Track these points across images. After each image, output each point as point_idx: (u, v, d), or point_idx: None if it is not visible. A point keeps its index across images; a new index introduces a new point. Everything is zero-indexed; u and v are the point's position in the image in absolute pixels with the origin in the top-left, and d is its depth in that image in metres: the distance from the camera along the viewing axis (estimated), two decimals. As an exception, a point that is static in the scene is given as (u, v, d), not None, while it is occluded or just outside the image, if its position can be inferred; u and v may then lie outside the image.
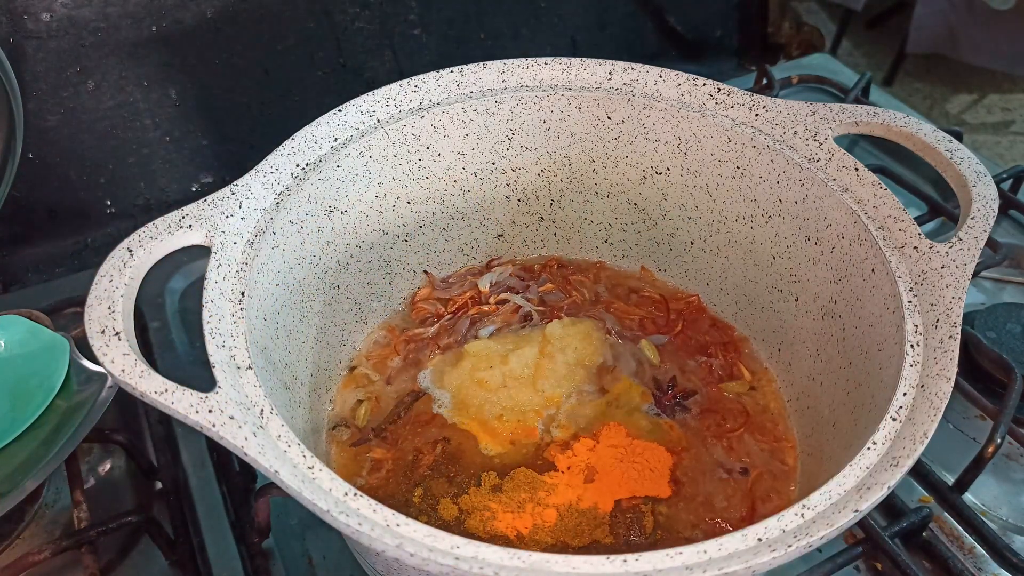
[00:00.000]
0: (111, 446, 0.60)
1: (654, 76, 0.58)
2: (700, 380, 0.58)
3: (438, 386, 0.57)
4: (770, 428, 0.55)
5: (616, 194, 0.63)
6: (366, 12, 0.82)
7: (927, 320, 0.44)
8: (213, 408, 0.39)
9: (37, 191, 0.74)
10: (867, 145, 0.87)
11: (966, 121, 2.07)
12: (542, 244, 0.67)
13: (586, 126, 0.60)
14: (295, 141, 0.52)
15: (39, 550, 0.49)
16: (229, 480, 0.56)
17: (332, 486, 0.37)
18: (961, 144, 0.52)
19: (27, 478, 0.49)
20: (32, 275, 0.77)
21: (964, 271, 0.45)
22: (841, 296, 0.52)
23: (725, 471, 0.52)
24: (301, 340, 0.52)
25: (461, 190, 0.61)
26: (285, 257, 0.50)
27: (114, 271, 0.44)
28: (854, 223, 0.50)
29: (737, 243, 0.59)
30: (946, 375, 0.41)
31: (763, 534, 0.35)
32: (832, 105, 0.55)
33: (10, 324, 0.58)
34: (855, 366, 0.49)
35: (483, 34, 0.89)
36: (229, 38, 0.77)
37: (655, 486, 0.51)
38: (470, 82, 0.58)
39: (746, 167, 0.56)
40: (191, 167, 0.81)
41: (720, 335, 0.61)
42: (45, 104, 0.72)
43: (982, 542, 0.54)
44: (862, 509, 0.36)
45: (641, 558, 0.34)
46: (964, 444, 0.61)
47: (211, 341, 0.42)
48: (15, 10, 0.68)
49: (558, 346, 0.58)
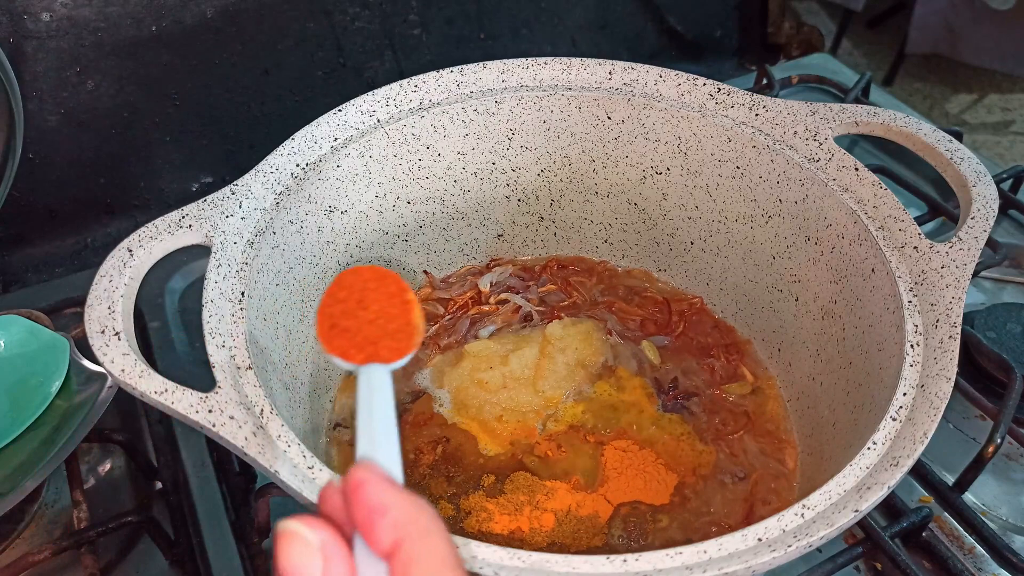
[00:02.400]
0: (111, 446, 0.60)
1: (654, 76, 0.58)
2: (702, 382, 0.58)
3: (438, 386, 0.57)
4: (771, 430, 0.55)
5: (616, 194, 0.63)
6: (366, 12, 0.82)
7: (927, 320, 0.44)
8: (213, 408, 0.39)
9: (37, 191, 0.74)
10: (867, 145, 0.87)
11: (966, 121, 2.07)
12: (542, 244, 0.67)
13: (586, 126, 0.60)
14: (295, 141, 0.52)
15: (39, 550, 0.49)
16: (229, 480, 0.56)
17: (332, 486, 0.37)
18: (961, 144, 0.52)
19: (27, 478, 0.49)
20: (32, 275, 0.77)
21: (964, 271, 0.45)
22: (841, 296, 0.52)
23: (726, 475, 0.52)
24: (301, 340, 0.52)
25: (461, 190, 0.61)
26: (285, 257, 0.50)
27: (114, 271, 0.44)
28: (854, 223, 0.50)
29: (737, 243, 0.59)
30: (946, 375, 0.41)
31: (763, 534, 0.35)
32: (832, 105, 0.55)
33: (10, 324, 0.58)
34: (855, 366, 0.49)
35: (483, 34, 0.89)
36: (229, 38, 0.77)
37: (656, 495, 0.51)
38: (470, 82, 0.58)
39: (746, 167, 0.56)
40: (191, 167, 0.81)
41: (722, 337, 0.61)
42: (45, 104, 0.72)
43: (982, 542, 0.54)
44: (862, 509, 0.36)
45: (641, 558, 0.34)
46: (964, 444, 0.60)
47: (211, 341, 0.42)
48: (15, 10, 0.68)
49: (558, 347, 0.58)
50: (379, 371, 0.32)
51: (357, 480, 0.25)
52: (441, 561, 0.24)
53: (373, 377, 0.32)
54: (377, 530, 0.24)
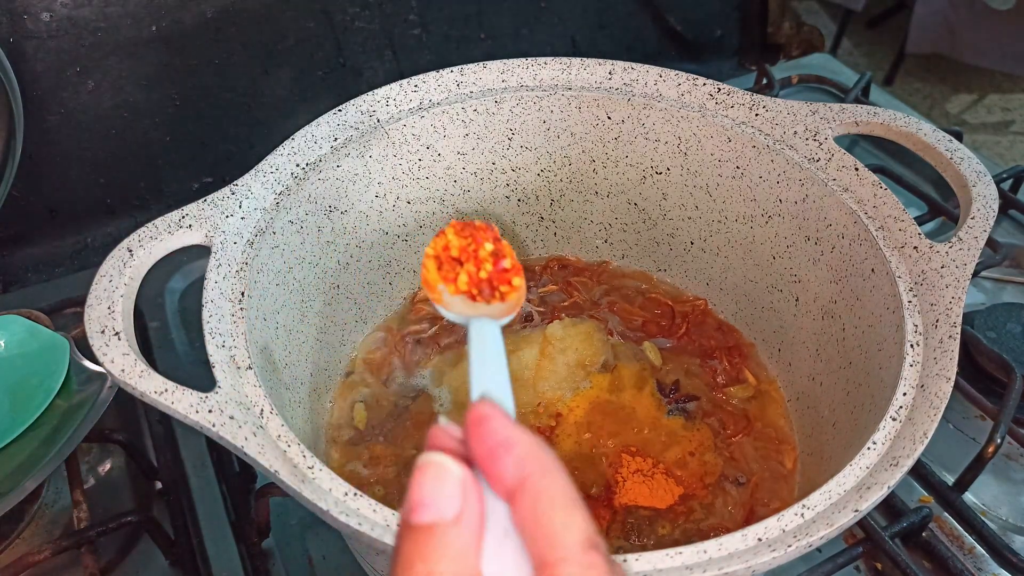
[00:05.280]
0: (111, 446, 0.60)
1: (654, 76, 0.58)
2: (704, 384, 0.57)
3: (438, 386, 0.57)
4: (771, 432, 0.55)
5: (616, 194, 0.63)
6: (366, 12, 0.82)
7: (927, 320, 0.44)
8: (213, 408, 0.39)
9: (37, 191, 0.74)
10: (867, 145, 0.87)
11: (966, 121, 2.07)
12: (542, 244, 0.67)
13: (586, 126, 0.60)
14: (295, 141, 0.52)
15: (39, 550, 0.49)
16: (229, 480, 0.56)
17: (332, 486, 0.37)
18: (961, 144, 0.52)
19: (27, 478, 0.49)
20: (32, 275, 0.77)
21: (964, 271, 0.45)
22: (841, 296, 0.52)
23: (727, 480, 0.52)
24: (301, 340, 0.52)
25: (461, 190, 0.61)
26: (285, 257, 0.50)
27: (114, 271, 0.44)
28: (854, 223, 0.50)
29: (737, 243, 0.59)
30: (946, 375, 0.41)
31: (763, 534, 0.35)
32: (832, 105, 0.55)
33: (10, 324, 0.58)
34: (855, 366, 0.49)
35: (483, 34, 0.89)
36: (229, 38, 0.77)
37: (659, 500, 0.50)
38: (470, 82, 0.58)
39: (746, 167, 0.56)
40: (191, 167, 0.81)
41: (725, 339, 0.61)
42: (45, 104, 0.72)
43: (982, 542, 0.54)
44: (862, 509, 0.36)
45: (641, 558, 0.34)
46: (964, 444, 0.60)
47: (211, 341, 0.42)
48: (15, 10, 0.68)
49: (559, 347, 0.58)
50: (491, 326, 0.33)
51: (481, 414, 0.24)
52: (567, 496, 0.23)
53: (485, 330, 0.33)
54: (502, 465, 0.23)
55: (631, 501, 0.50)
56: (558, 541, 0.22)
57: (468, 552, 0.23)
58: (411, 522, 0.23)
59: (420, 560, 0.22)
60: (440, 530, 0.23)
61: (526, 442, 0.24)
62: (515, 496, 0.23)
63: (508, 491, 0.23)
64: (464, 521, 0.23)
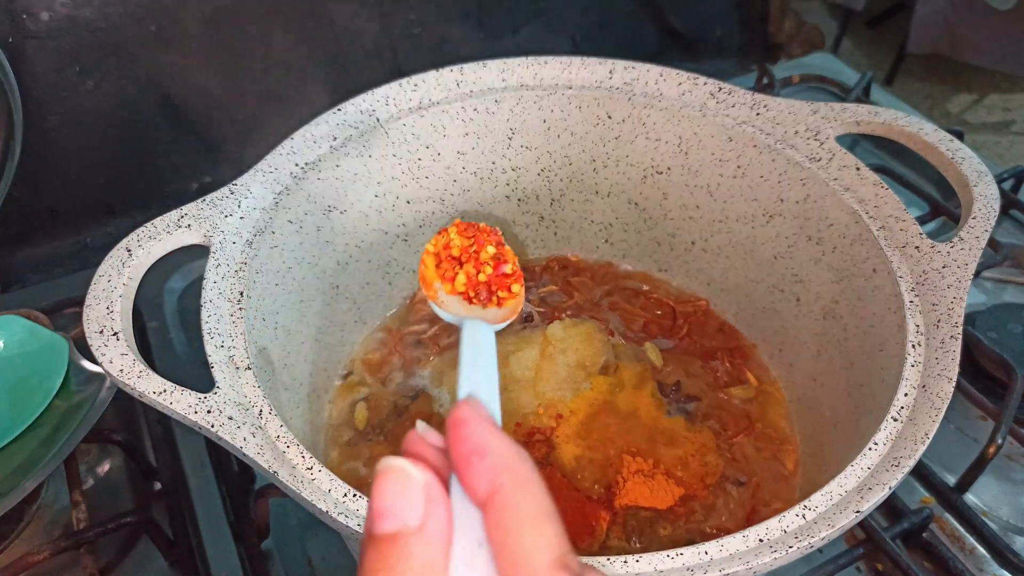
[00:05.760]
0: (110, 446, 0.60)
1: (655, 75, 0.58)
2: (705, 385, 0.57)
3: (437, 386, 0.57)
4: (772, 433, 0.55)
5: (617, 194, 0.63)
6: (366, 12, 0.82)
7: (928, 320, 0.44)
8: (212, 408, 0.39)
9: (37, 191, 0.74)
10: (868, 145, 0.87)
11: (967, 121, 2.06)
12: (542, 244, 0.67)
13: (586, 125, 0.60)
14: (294, 140, 0.52)
15: (38, 550, 0.49)
16: (228, 480, 0.56)
17: (331, 487, 0.36)
18: (962, 144, 0.52)
19: (26, 478, 0.49)
20: (32, 275, 0.77)
21: (965, 271, 0.45)
22: (843, 296, 0.52)
23: (728, 481, 0.52)
24: (300, 340, 0.52)
25: (461, 190, 0.61)
26: (284, 257, 0.50)
27: (112, 271, 0.44)
28: (855, 223, 0.50)
29: (738, 243, 0.59)
30: (947, 375, 0.41)
31: (764, 535, 0.35)
32: (833, 104, 0.55)
33: (10, 324, 0.58)
34: (856, 366, 0.49)
35: (483, 34, 0.89)
36: (229, 38, 0.77)
37: (660, 500, 0.50)
38: (470, 81, 0.58)
39: (747, 166, 0.56)
40: (191, 167, 0.81)
41: (727, 340, 0.61)
42: (45, 104, 0.72)
43: (983, 543, 0.54)
44: (863, 510, 0.36)
45: (641, 558, 0.33)
46: (965, 444, 0.60)
47: (210, 341, 0.42)
48: (15, 10, 0.68)
49: (559, 347, 0.57)
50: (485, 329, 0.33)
51: (461, 416, 0.23)
52: (538, 511, 0.22)
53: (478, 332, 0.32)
54: (475, 472, 0.22)
55: (632, 502, 0.50)
56: (525, 560, 0.21)
57: (434, 562, 0.22)
58: (373, 532, 0.22)
59: (383, 572, 0.21)
60: (403, 540, 0.22)
61: (501, 450, 0.23)
62: (486, 507, 0.22)
63: (481, 500, 0.22)
64: (428, 530, 0.22)
